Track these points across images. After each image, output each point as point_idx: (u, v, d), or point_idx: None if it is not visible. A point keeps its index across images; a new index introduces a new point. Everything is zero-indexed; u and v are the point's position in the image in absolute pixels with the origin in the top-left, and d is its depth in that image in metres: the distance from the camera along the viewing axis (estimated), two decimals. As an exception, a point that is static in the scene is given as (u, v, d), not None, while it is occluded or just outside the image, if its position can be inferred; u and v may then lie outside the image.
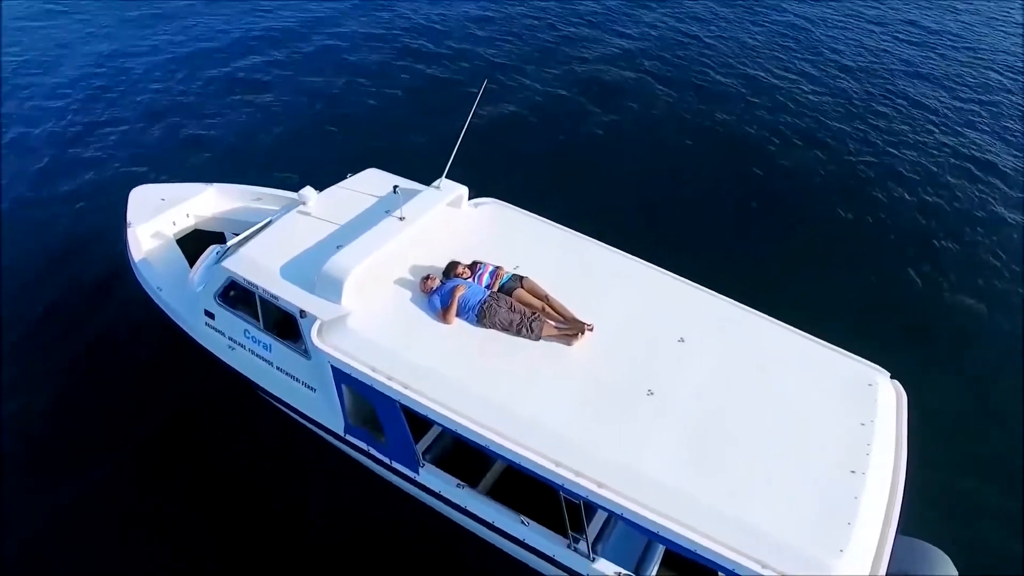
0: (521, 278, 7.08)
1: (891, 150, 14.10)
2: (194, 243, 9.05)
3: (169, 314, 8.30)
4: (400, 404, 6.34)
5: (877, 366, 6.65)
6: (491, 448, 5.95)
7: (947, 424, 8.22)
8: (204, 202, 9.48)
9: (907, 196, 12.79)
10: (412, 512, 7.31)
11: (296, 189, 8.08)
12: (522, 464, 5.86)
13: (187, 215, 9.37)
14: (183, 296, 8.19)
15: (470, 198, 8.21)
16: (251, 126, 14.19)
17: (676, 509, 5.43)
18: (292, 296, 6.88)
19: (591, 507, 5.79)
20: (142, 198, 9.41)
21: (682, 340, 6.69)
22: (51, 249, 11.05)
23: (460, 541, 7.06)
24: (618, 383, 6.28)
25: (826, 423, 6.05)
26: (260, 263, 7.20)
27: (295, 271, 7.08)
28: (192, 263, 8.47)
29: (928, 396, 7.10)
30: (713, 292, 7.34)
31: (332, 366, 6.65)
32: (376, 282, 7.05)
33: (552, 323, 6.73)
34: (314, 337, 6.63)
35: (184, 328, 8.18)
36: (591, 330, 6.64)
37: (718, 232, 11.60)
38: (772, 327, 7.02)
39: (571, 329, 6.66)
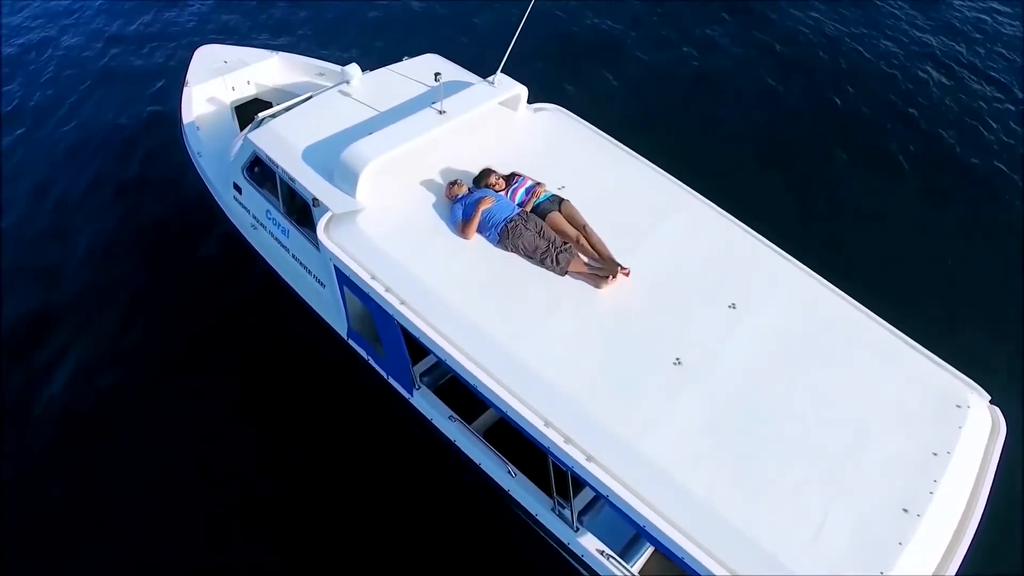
0: (561, 200, 6.09)
1: None
2: (254, 113, 8.60)
3: (205, 182, 7.96)
4: (396, 319, 5.69)
5: (975, 384, 5.25)
6: (479, 389, 5.21)
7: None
8: (266, 70, 8.94)
9: None
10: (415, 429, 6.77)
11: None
12: (509, 415, 5.09)
13: (248, 82, 8.88)
14: (220, 165, 7.79)
15: (531, 101, 7.16)
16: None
17: (671, 505, 4.52)
18: (308, 181, 6.26)
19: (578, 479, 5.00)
20: (206, 58, 8.98)
21: (733, 306, 5.54)
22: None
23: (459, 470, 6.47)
24: (642, 343, 5.29)
25: (889, 443, 4.82)
26: (285, 140, 6.60)
27: (318, 155, 6.43)
28: None
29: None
30: (791, 258, 6.02)
31: (334, 266, 6.05)
32: (399, 179, 6.29)
33: (584, 258, 5.75)
34: (320, 230, 6.02)
35: (216, 199, 7.81)
36: (626, 275, 5.62)
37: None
38: (857, 315, 5.65)
39: (603, 270, 5.66)
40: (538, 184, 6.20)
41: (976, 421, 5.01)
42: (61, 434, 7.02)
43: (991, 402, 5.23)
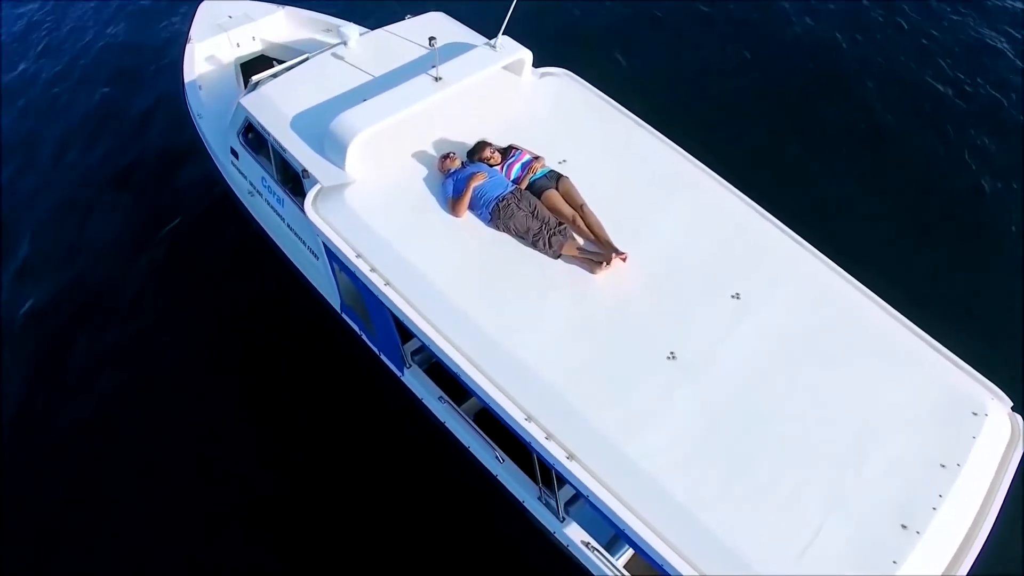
0: (559, 177, 5.74)
1: None
2: (260, 70, 8.34)
3: (205, 145, 7.78)
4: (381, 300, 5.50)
5: (997, 389, 4.82)
6: (461, 377, 5.02)
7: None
8: (272, 26, 8.61)
9: None
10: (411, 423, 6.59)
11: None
12: (490, 405, 4.90)
13: (253, 38, 8.58)
14: (221, 127, 7.59)
15: (537, 65, 6.73)
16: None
17: (653, 509, 4.30)
18: (297, 151, 6.03)
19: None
20: (210, 12, 8.66)
21: (737, 296, 5.18)
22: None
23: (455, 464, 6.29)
24: (635, 335, 5.00)
25: (893, 452, 4.49)
26: (277, 107, 6.35)
27: (309, 123, 6.17)
28: None
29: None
30: (806, 244, 5.58)
31: (322, 242, 5.86)
32: (391, 150, 6.01)
33: (579, 240, 5.44)
34: (308, 204, 5.80)
35: (216, 163, 7.65)
36: (623, 260, 5.29)
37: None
38: (872, 309, 5.23)
39: (599, 254, 5.34)
40: (536, 158, 5.85)
41: (993, 431, 4.63)
42: (61, 434, 6.94)
43: (1013, 409, 4.83)
